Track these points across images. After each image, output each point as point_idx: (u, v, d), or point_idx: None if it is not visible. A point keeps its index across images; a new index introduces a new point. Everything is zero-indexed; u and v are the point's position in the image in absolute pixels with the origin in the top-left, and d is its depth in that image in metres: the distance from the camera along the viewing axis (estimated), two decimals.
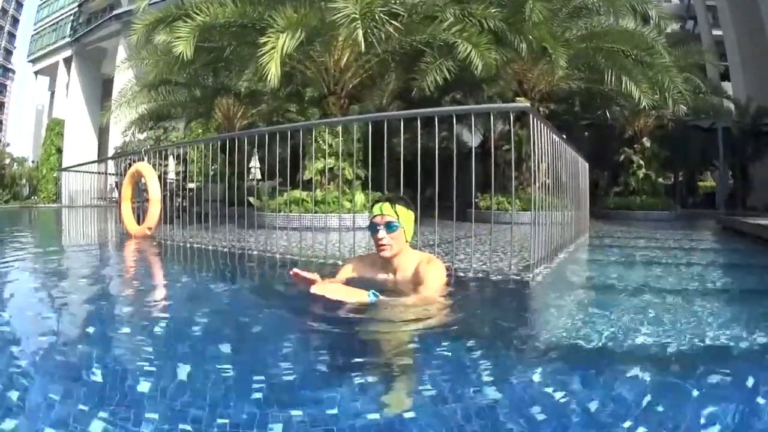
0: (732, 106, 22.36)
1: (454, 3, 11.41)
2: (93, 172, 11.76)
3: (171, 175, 14.33)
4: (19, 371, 1.84)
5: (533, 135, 4.37)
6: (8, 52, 75.84)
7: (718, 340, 2.29)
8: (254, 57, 9.82)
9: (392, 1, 10.18)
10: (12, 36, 75.78)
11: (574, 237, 6.94)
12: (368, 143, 5.34)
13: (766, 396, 1.66)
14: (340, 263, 3.51)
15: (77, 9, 50.46)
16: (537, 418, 1.46)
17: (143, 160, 8.44)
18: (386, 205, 3.05)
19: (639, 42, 12.97)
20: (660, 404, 1.56)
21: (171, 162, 15.76)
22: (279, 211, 8.82)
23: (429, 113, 4.78)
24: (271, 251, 5.72)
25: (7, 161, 47.21)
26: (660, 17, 14.50)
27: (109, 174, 13.46)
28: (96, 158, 28.90)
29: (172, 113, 19.67)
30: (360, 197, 9.91)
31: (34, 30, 58.28)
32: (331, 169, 10.69)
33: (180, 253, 6.20)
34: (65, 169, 13.20)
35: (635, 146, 17.57)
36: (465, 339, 2.24)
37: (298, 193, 8.86)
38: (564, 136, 6.29)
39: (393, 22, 9.75)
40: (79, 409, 1.47)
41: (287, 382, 1.73)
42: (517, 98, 13.16)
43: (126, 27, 31.13)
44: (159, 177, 7.97)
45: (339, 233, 5.90)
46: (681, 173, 27.61)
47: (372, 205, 3.17)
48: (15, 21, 75.44)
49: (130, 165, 8.74)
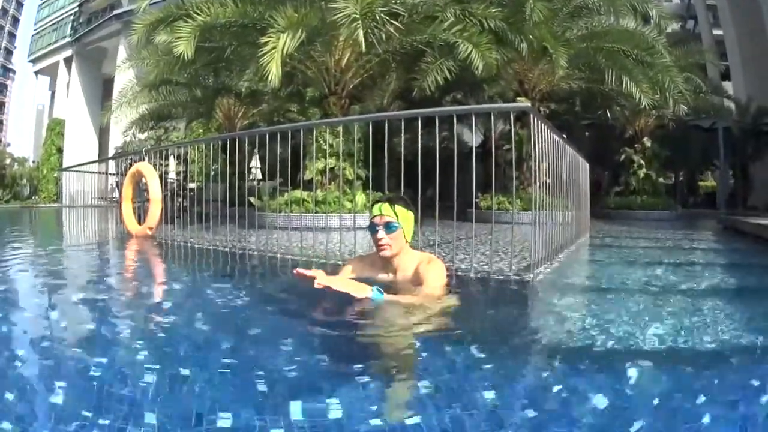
0: (732, 106, 22.36)
1: (455, 3, 11.41)
2: (94, 172, 11.77)
3: (172, 175, 14.37)
4: (19, 371, 1.84)
5: (534, 135, 4.37)
6: (8, 52, 75.84)
7: (719, 340, 2.30)
8: (255, 57, 9.81)
9: (393, 1, 10.18)
10: (12, 36, 75.78)
11: (575, 237, 6.94)
12: (369, 143, 5.35)
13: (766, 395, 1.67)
14: (341, 263, 3.51)
15: (77, 9, 50.50)
16: (538, 419, 1.46)
17: (144, 160, 8.45)
18: (385, 206, 3.05)
19: (639, 42, 12.97)
20: (662, 404, 1.56)
21: (172, 162, 15.80)
22: (280, 211, 8.83)
23: (430, 113, 4.78)
24: (272, 251, 5.72)
25: (8, 161, 47.24)
26: (660, 17, 14.51)
27: (110, 174, 13.47)
28: (97, 158, 28.89)
29: (173, 113, 19.69)
30: (361, 197, 9.92)
31: (35, 30, 58.31)
32: (332, 169, 10.69)
33: (181, 253, 6.20)
34: (66, 169, 13.21)
35: (636, 146, 17.58)
36: (466, 339, 2.24)
37: (299, 193, 8.86)
38: (564, 136, 6.29)
39: (393, 22, 9.75)
40: (79, 409, 1.47)
41: (287, 383, 1.73)
42: (518, 98, 13.16)
43: (126, 27, 31.13)
44: (160, 177, 7.98)
45: (340, 233, 5.91)
46: (682, 173, 27.60)
47: (372, 206, 3.18)
48: (15, 21, 75.43)
49: (131, 165, 8.75)
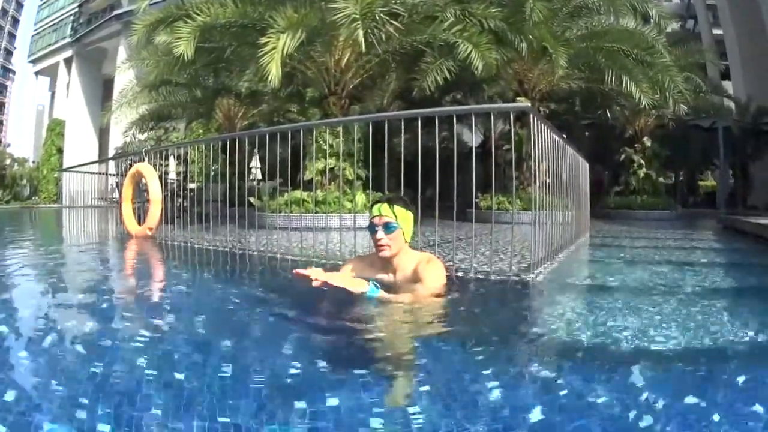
0: (732, 105, 22.37)
1: (455, 3, 11.42)
2: (94, 173, 11.77)
3: (172, 176, 14.35)
4: (20, 371, 1.84)
5: (534, 135, 4.38)
6: (8, 53, 75.86)
7: (720, 339, 2.30)
8: (255, 57, 9.82)
9: (393, 1, 10.19)
10: (12, 36, 75.80)
11: (575, 237, 6.94)
12: (369, 143, 5.35)
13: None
14: (341, 263, 3.51)
15: (77, 9, 50.55)
16: (539, 418, 1.46)
17: (144, 161, 8.44)
18: (384, 206, 3.05)
19: (639, 41, 12.98)
20: (663, 403, 1.56)
21: (172, 162, 15.79)
22: (279, 212, 8.83)
23: (429, 113, 4.78)
24: (272, 251, 5.72)
25: (8, 162, 47.27)
26: (660, 16, 14.51)
27: (110, 174, 13.46)
28: (97, 159, 28.90)
29: (173, 113, 19.71)
30: (361, 197, 9.92)
31: (35, 30, 58.35)
32: (332, 170, 10.70)
33: (181, 254, 6.20)
34: (66, 170, 13.21)
35: (636, 146, 17.59)
36: (466, 339, 2.24)
37: (299, 194, 8.87)
38: (564, 136, 6.29)
39: (393, 22, 9.77)
40: (79, 409, 1.47)
41: (286, 384, 1.73)
42: (518, 98, 13.16)
43: (126, 27, 31.17)
44: (160, 177, 7.97)
45: (340, 233, 5.92)
46: (681, 173, 27.61)
47: (371, 206, 3.18)
48: (15, 21, 75.45)
49: (131, 165, 8.74)
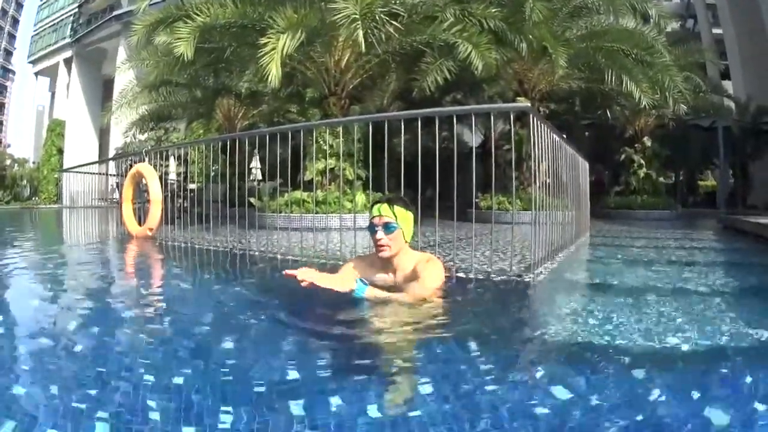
0: (732, 105, 22.35)
1: (454, 3, 11.42)
2: (94, 173, 11.77)
3: (172, 176, 14.33)
4: (21, 371, 1.85)
5: (533, 135, 4.38)
6: (8, 53, 75.91)
7: (720, 339, 2.30)
8: (255, 58, 9.83)
9: (392, 2, 10.20)
10: (12, 37, 75.84)
11: (575, 237, 6.94)
12: (369, 143, 5.35)
13: None
14: (341, 263, 3.51)
15: (77, 10, 50.54)
16: (540, 419, 1.46)
17: (144, 161, 8.45)
18: (384, 206, 3.05)
19: (639, 41, 12.98)
20: (664, 404, 1.56)
21: (172, 163, 15.77)
22: (280, 212, 8.83)
23: (429, 113, 4.78)
24: (272, 252, 5.72)
25: (8, 162, 47.27)
26: (660, 16, 14.51)
27: (110, 175, 13.47)
28: (97, 159, 28.89)
29: (173, 114, 19.72)
30: (361, 197, 9.93)
31: (34, 31, 58.34)
32: (332, 170, 10.70)
33: (181, 254, 6.21)
34: (66, 170, 13.21)
35: (636, 145, 17.60)
36: (466, 339, 2.24)
37: (299, 194, 8.89)
38: (564, 136, 6.29)
39: (393, 23, 9.76)
40: (79, 410, 1.48)
41: (285, 385, 1.73)
42: (518, 98, 13.17)
43: (126, 28, 31.13)
44: (160, 178, 7.98)
45: (340, 233, 5.92)
46: (681, 172, 27.62)
47: (372, 206, 3.18)
48: (15, 22, 75.48)
49: (131, 166, 8.75)
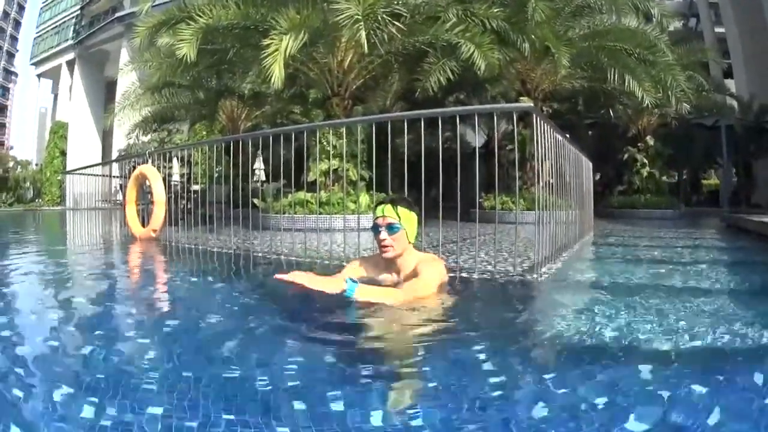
0: (735, 104, 22.32)
1: (457, 3, 11.42)
2: (97, 175, 11.81)
3: (175, 177, 14.35)
4: (23, 371, 1.86)
5: (537, 134, 4.38)
6: (10, 55, 76.12)
7: (724, 338, 2.30)
8: (257, 59, 9.82)
9: (395, 2, 10.20)
10: (14, 39, 76.06)
11: (579, 236, 6.94)
12: (372, 144, 5.35)
13: None
14: (345, 264, 3.51)
15: (79, 12, 50.71)
16: (544, 419, 1.46)
17: (147, 163, 8.47)
18: (388, 207, 3.06)
19: (641, 40, 12.97)
20: (669, 403, 1.56)
21: (175, 164, 15.78)
22: (283, 213, 8.86)
23: (432, 114, 4.78)
24: (276, 253, 5.73)
25: (11, 164, 47.44)
26: (662, 15, 14.51)
27: (114, 176, 13.51)
28: (100, 161, 28.98)
29: (176, 115, 19.72)
30: (364, 198, 9.92)
31: (37, 33, 58.53)
32: (336, 171, 10.71)
33: (185, 255, 6.20)
34: (69, 172, 13.23)
35: (639, 145, 17.59)
36: (470, 339, 2.24)
37: (303, 195, 8.90)
38: (567, 136, 6.30)
39: (396, 23, 9.75)
40: (78, 410, 1.48)
41: (284, 387, 1.71)
42: (521, 98, 13.17)
43: (129, 29, 31.26)
44: (163, 179, 7.99)
45: (343, 234, 5.92)
46: (685, 171, 27.61)
47: (375, 207, 3.19)
48: (17, 24, 75.68)
49: (135, 167, 8.76)
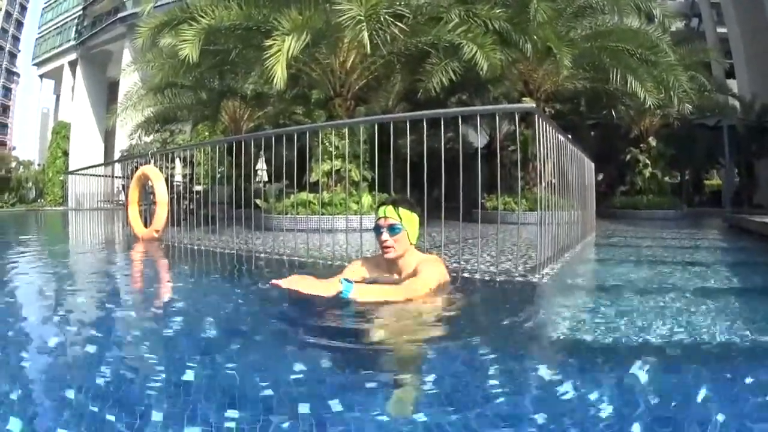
0: (737, 104, 22.27)
1: (459, 4, 11.44)
2: (100, 176, 11.83)
3: (178, 178, 14.38)
4: (25, 371, 1.87)
5: (539, 135, 4.39)
6: (12, 56, 76.24)
7: (726, 339, 2.30)
8: (260, 59, 9.84)
9: (397, 3, 10.21)
10: (16, 39, 76.18)
11: (581, 237, 6.94)
12: (374, 145, 5.35)
13: None
14: (347, 264, 3.51)
15: (82, 12, 50.75)
16: (547, 420, 1.46)
17: (150, 163, 8.48)
18: (389, 208, 3.08)
19: (644, 41, 12.97)
20: (672, 403, 1.57)
21: (178, 165, 15.83)
22: (286, 213, 8.87)
23: (435, 114, 4.78)
24: (279, 253, 5.74)
25: (13, 164, 47.59)
26: (664, 15, 14.52)
27: (116, 177, 13.53)
28: (102, 161, 29.01)
29: (179, 116, 19.74)
30: (367, 199, 9.93)
31: (39, 33, 58.60)
32: (338, 171, 10.72)
33: (187, 256, 6.21)
34: (72, 173, 13.25)
35: (641, 145, 17.58)
36: (471, 340, 2.25)
37: (305, 195, 8.90)
38: (569, 136, 6.30)
39: (398, 24, 9.76)
40: (79, 411, 1.49)
41: (284, 389, 1.70)
42: (523, 98, 13.18)
43: (131, 30, 31.27)
44: (166, 180, 8.00)
45: (346, 235, 5.93)
46: (687, 172, 27.57)
47: (377, 208, 3.20)
48: (19, 24, 75.82)
49: (137, 168, 8.78)
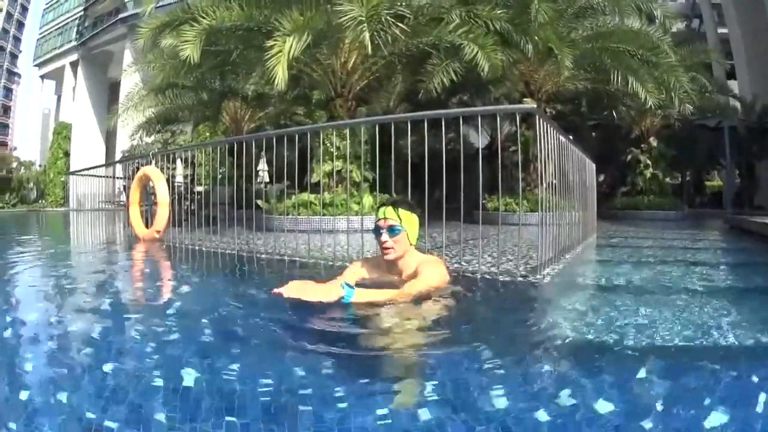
0: (738, 105, 22.25)
1: (460, 4, 11.44)
2: (101, 176, 11.84)
3: (179, 179, 14.41)
4: (26, 372, 1.87)
5: (540, 136, 4.39)
6: (14, 56, 76.30)
7: (726, 339, 2.31)
8: (261, 60, 9.85)
9: (398, 3, 10.20)
10: (17, 40, 76.23)
11: (582, 238, 6.94)
12: (375, 145, 5.36)
13: None
14: (348, 265, 3.51)
15: (83, 12, 50.73)
16: (547, 421, 1.47)
17: (151, 164, 8.49)
18: (389, 209, 3.08)
19: (645, 41, 12.95)
20: (673, 404, 1.57)
21: (179, 165, 15.85)
22: (287, 214, 8.87)
23: (436, 115, 4.79)
24: (280, 254, 5.74)
25: (14, 165, 47.62)
26: (665, 16, 14.50)
27: (117, 177, 13.55)
28: (104, 162, 29.05)
29: (180, 116, 19.71)
30: (368, 199, 9.92)
31: (40, 34, 58.60)
32: (339, 172, 10.72)
33: (188, 257, 6.21)
34: (73, 173, 13.26)
35: (642, 146, 17.58)
36: (472, 341, 2.24)
37: (306, 196, 8.90)
38: (571, 137, 6.30)
39: (399, 25, 9.76)
40: (79, 411, 1.50)
41: (285, 390, 1.71)
42: (524, 99, 13.16)
43: (132, 31, 31.30)
44: (167, 180, 8.00)
45: (347, 235, 5.93)
46: (688, 173, 27.53)
47: (377, 209, 3.20)
48: (20, 25, 75.88)
49: (138, 168, 8.78)
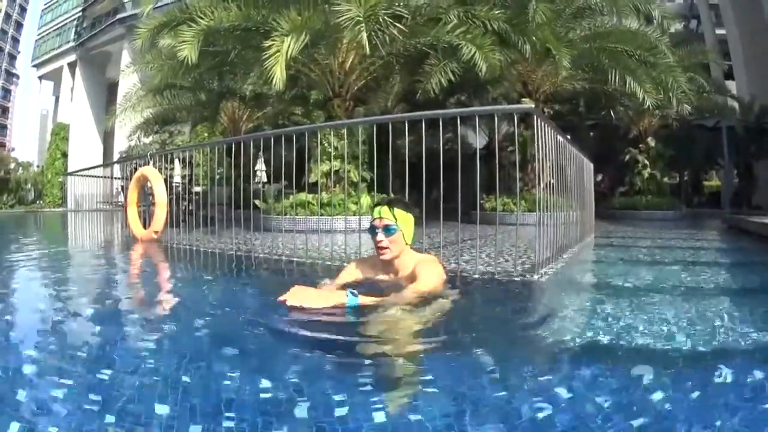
0: (736, 105, 22.29)
1: (458, 5, 11.44)
2: (99, 177, 11.82)
3: (177, 179, 14.36)
4: (26, 372, 1.86)
5: (538, 136, 4.39)
6: (12, 57, 76.23)
7: (724, 339, 2.31)
8: (259, 60, 9.83)
9: (396, 4, 10.20)
10: (16, 41, 76.16)
11: (580, 238, 6.94)
12: (373, 145, 5.36)
13: None
14: (346, 265, 3.51)
15: (81, 13, 50.67)
16: (545, 421, 1.47)
17: (149, 164, 8.48)
18: (384, 209, 3.06)
19: (642, 42, 12.97)
20: (671, 404, 1.57)
21: (177, 166, 15.80)
22: (285, 214, 8.87)
23: (433, 115, 4.78)
24: (277, 254, 5.74)
25: (12, 166, 47.52)
26: (663, 17, 14.52)
27: (115, 178, 13.53)
28: (101, 162, 29.00)
29: (178, 117, 19.72)
30: (366, 199, 9.92)
31: (38, 34, 58.51)
32: (337, 172, 10.71)
33: (186, 257, 6.20)
34: (71, 174, 13.24)
35: (640, 146, 17.62)
36: (470, 341, 2.24)
37: (304, 196, 8.90)
38: (568, 137, 6.30)
39: (397, 25, 9.75)
40: (79, 412, 1.49)
41: (284, 391, 1.70)
42: (522, 99, 13.19)
43: (130, 31, 31.23)
44: (165, 181, 7.99)
45: (345, 235, 5.93)
46: (686, 173, 27.60)
47: (373, 208, 3.19)
48: (18, 25, 75.79)
49: (136, 169, 8.77)
